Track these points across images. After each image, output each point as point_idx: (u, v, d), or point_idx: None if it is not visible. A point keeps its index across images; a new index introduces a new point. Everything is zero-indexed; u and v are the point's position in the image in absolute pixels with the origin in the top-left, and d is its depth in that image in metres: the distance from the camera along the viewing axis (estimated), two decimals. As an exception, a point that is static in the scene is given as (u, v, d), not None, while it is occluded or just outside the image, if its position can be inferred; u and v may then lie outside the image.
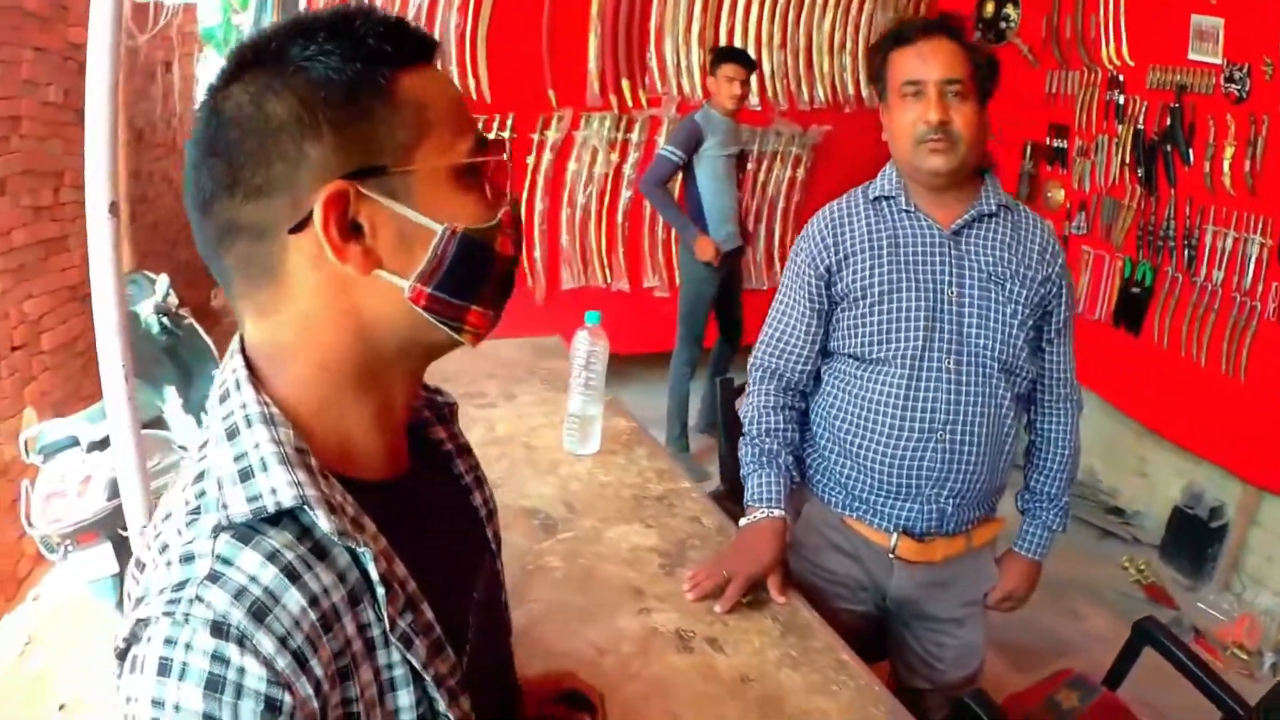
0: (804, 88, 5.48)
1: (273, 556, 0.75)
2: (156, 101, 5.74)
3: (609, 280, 5.54)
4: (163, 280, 4.00)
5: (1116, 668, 2.38)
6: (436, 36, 0.84)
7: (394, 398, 0.90)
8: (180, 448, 3.69)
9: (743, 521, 2.00)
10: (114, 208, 1.54)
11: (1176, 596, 4.05)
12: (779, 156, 5.49)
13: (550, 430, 2.45)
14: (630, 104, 5.22)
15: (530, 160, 5.22)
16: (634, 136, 5.26)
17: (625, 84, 5.18)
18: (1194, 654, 2.20)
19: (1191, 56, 3.93)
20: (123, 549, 3.15)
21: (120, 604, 3.18)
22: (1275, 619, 3.84)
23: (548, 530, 2.01)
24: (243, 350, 0.86)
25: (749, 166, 5.37)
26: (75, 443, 3.29)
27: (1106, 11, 4.38)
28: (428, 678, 0.83)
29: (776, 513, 1.96)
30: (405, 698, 0.82)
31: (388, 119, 0.80)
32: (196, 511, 0.78)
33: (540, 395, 2.74)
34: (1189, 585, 4.15)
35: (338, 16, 0.80)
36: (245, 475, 0.77)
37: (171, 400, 3.98)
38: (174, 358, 4.04)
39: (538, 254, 5.38)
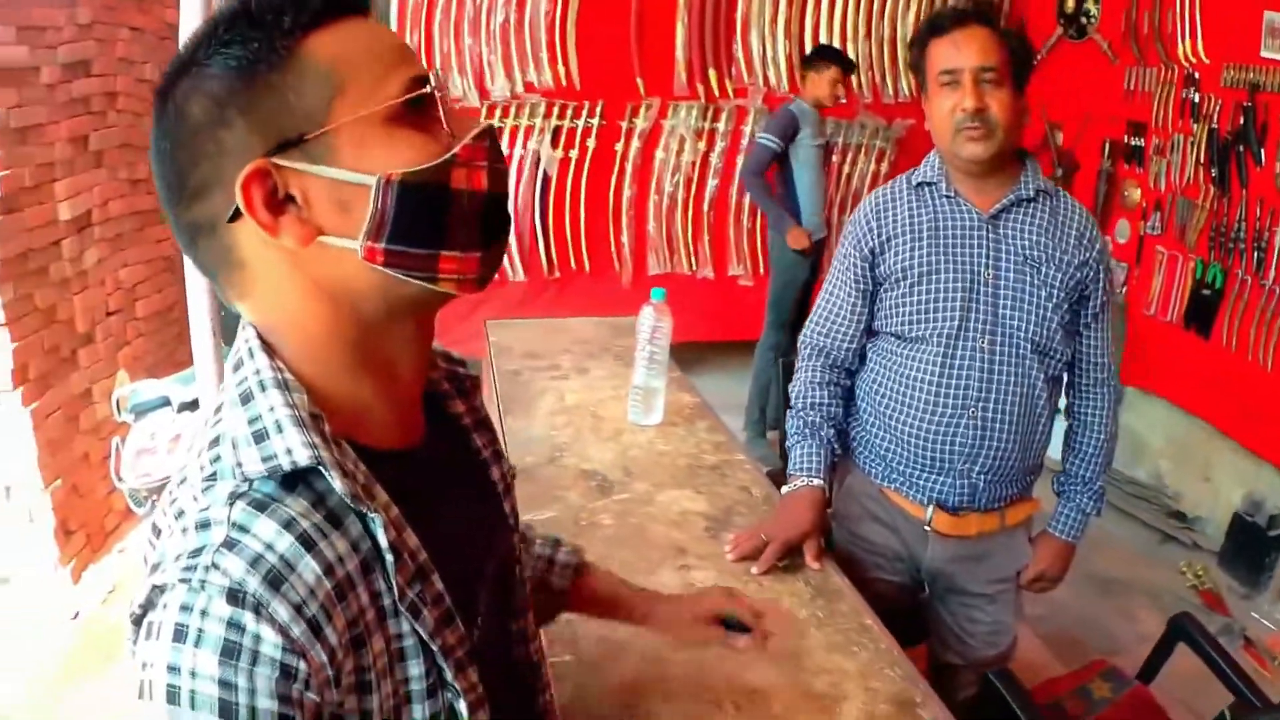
0: (889, 80, 5.47)
1: (289, 524, 0.75)
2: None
3: (694, 267, 5.59)
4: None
5: (1150, 661, 2.40)
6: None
7: (398, 365, 0.89)
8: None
9: (784, 489, 2.09)
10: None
11: (1231, 604, 4.00)
12: (863, 149, 5.50)
13: (617, 402, 2.56)
14: (717, 94, 5.27)
15: (619, 148, 5.29)
16: (720, 126, 5.30)
17: (712, 74, 5.22)
18: (1224, 651, 2.22)
19: (1264, 54, 3.87)
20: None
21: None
22: (1327, 632, 3.80)
23: (603, 491, 2.12)
24: (252, 323, 0.86)
25: (833, 158, 5.41)
26: (166, 403, 3.42)
27: (1182, 7, 4.31)
28: (435, 648, 0.83)
29: (816, 482, 2.06)
30: (415, 668, 0.83)
31: (294, 86, 0.78)
32: (212, 477, 0.78)
33: (611, 370, 2.85)
34: (1244, 594, 4.10)
35: (236, 3, 0.80)
36: (260, 437, 0.78)
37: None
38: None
39: (625, 240, 5.45)
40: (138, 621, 0.75)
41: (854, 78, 5.31)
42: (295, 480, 0.78)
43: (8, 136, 3.28)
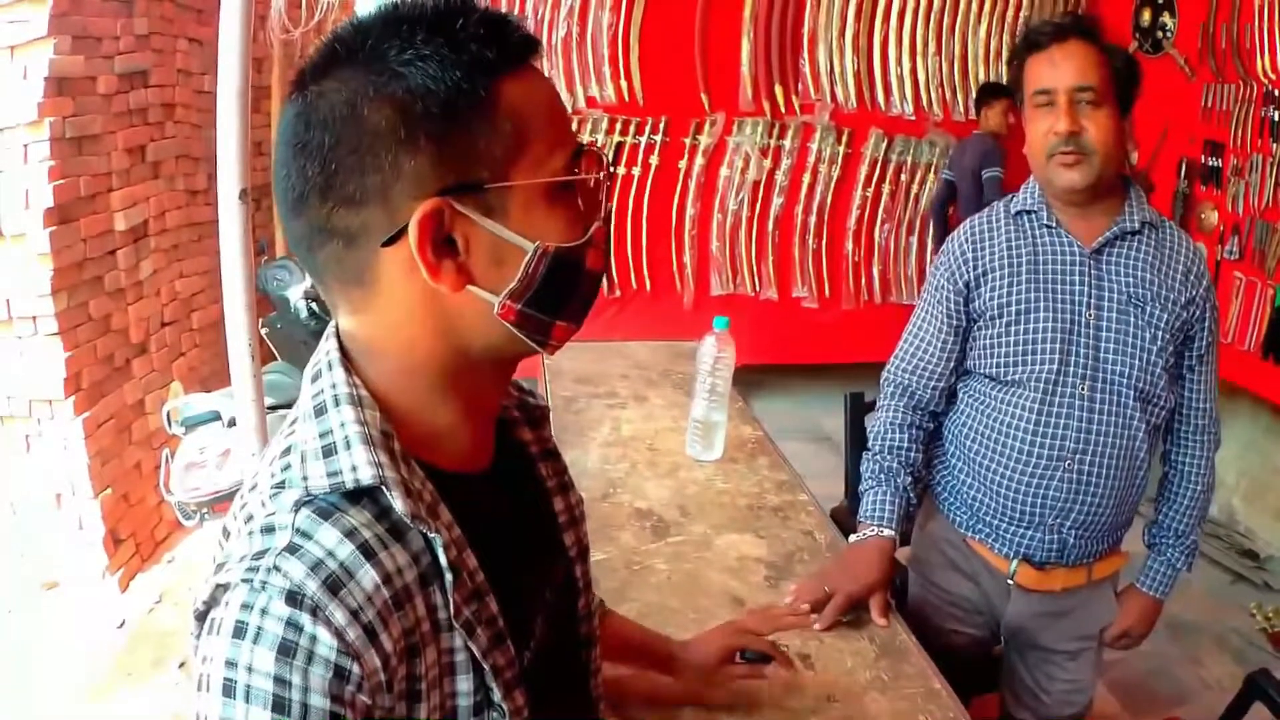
0: (959, 97, 5.36)
1: (351, 534, 0.77)
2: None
3: (758, 288, 5.49)
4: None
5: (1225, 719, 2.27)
6: (543, 36, 0.81)
7: (481, 398, 0.91)
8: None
9: (852, 538, 1.98)
10: (244, 195, 1.60)
11: (1302, 650, 3.84)
12: (933, 168, 5.38)
13: (675, 434, 2.47)
14: (783, 110, 5.19)
15: (682, 165, 5.23)
16: (786, 143, 5.21)
17: (778, 90, 5.14)
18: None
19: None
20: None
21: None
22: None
23: (658, 533, 2.03)
24: (337, 335, 0.88)
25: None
26: (217, 417, 3.42)
27: (1261, 22, 4.15)
28: (486, 667, 0.85)
29: (887, 532, 1.94)
30: (464, 683, 0.85)
31: (486, 133, 0.78)
32: (281, 485, 0.80)
33: (670, 398, 2.77)
34: (1317, 638, 3.93)
35: (439, 14, 0.78)
36: (328, 451, 0.80)
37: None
38: (314, 339, 4.17)
39: (687, 259, 5.38)
40: (201, 617, 0.78)
41: (924, 94, 5.26)
42: (360, 494, 0.80)
43: (64, 146, 3.29)
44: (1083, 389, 1.86)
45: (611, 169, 0.91)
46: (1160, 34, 4.86)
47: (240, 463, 3.22)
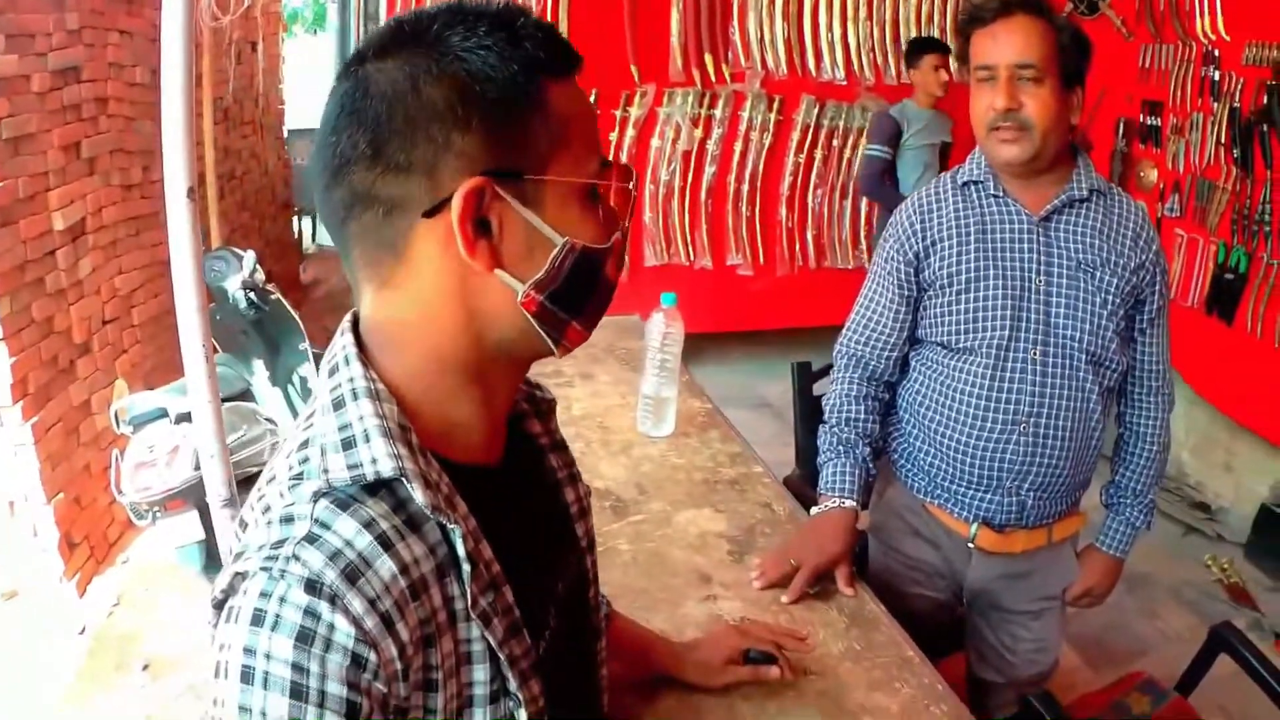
0: (890, 61, 5.37)
1: (369, 524, 0.79)
2: (243, 81, 5.84)
3: (692, 258, 5.49)
4: (249, 256, 4.07)
5: (1190, 673, 2.31)
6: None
7: (497, 391, 0.93)
8: (267, 420, 3.77)
9: (814, 510, 1.99)
10: (191, 192, 1.57)
11: (1259, 598, 3.92)
12: (865, 132, 5.32)
13: (625, 411, 2.46)
14: (714, 79, 5.17)
15: (613, 138, 5.19)
16: (717, 113, 5.20)
17: (708, 59, 5.12)
18: (1269, 663, 2.13)
19: (1290, 31, 3.75)
20: (209, 516, 3.23)
21: (206, 569, 3.27)
22: (1364, 627, 3.71)
23: (618, 513, 2.02)
24: (354, 329, 0.90)
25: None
26: (164, 414, 3.37)
27: (1202, -17, 4.19)
28: (502, 656, 0.86)
29: (848, 503, 1.95)
30: (480, 673, 0.86)
31: (534, 126, 0.82)
32: (299, 477, 0.82)
33: (617, 375, 2.75)
34: (1273, 586, 4.02)
35: (500, 13, 0.83)
36: (348, 444, 0.81)
37: (259, 373, 4.07)
38: (261, 332, 4.11)
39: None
40: (218, 606, 0.79)
41: (854, 60, 5.25)
42: (378, 486, 0.81)
43: (1, 148, 3.21)
44: (1035, 354, 1.88)
45: (634, 185, 0.93)
46: (1096, -5, 4.88)
47: (189, 460, 3.19)
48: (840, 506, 1.95)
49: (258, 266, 4.12)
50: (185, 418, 3.38)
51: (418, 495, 0.80)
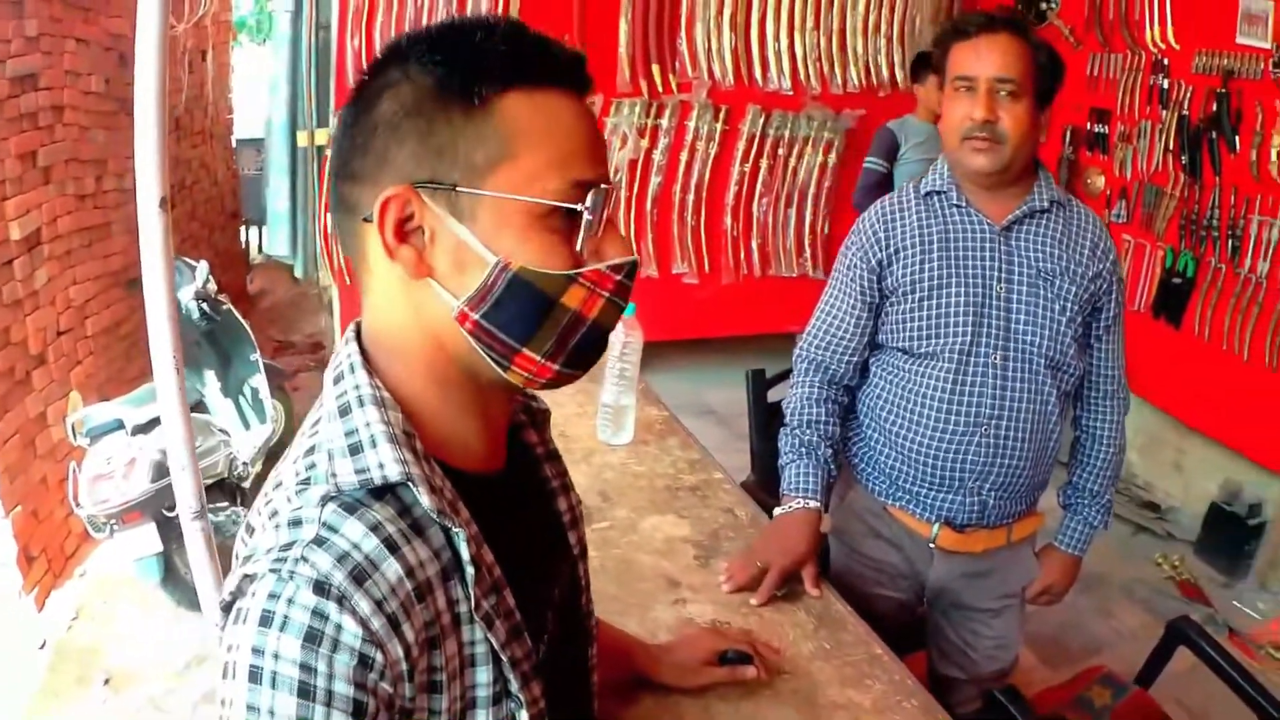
0: (837, 71, 5.38)
1: (375, 528, 0.80)
2: (194, 90, 5.79)
3: (639, 266, 5.47)
4: (202, 267, 4.04)
5: (1149, 666, 2.36)
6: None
7: (490, 401, 0.94)
8: (221, 431, 3.74)
9: (777, 511, 2.01)
10: (164, 203, 1.57)
11: (1211, 594, 4.00)
12: (810, 141, 5.39)
13: (584, 420, 2.46)
14: (661, 89, 5.14)
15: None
16: (664, 122, 5.17)
17: (656, 70, 5.11)
18: (1229, 655, 2.18)
19: (1240, 40, 3.84)
20: (167, 529, 3.20)
21: (164, 581, 3.24)
22: (1314, 620, 3.79)
23: (584, 520, 2.02)
24: (357, 337, 0.92)
25: None
26: (120, 426, 3.34)
27: (1151, -6, 4.28)
28: (504, 658, 0.87)
29: (812, 504, 1.98)
30: (483, 675, 0.87)
31: (470, 137, 0.82)
32: (306, 482, 0.83)
33: (575, 384, 2.74)
34: (1224, 583, 4.10)
35: (470, 27, 0.85)
36: (355, 450, 0.83)
37: (211, 384, 4.04)
38: (213, 343, 4.08)
39: (569, 241, 5.35)
40: (227, 608, 0.80)
41: (801, 69, 5.25)
42: (384, 491, 0.83)
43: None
44: (995, 359, 1.92)
45: (603, 213, 0.91)
46: (1045, 5, 4.95)
47: (147, 472, 3.16)
48: (805, 507, 1.98)
49: (210, 277, 4.10)
50: (142, 429, 3.36)
51: (424, 500, 0.82)
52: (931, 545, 2.05)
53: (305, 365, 5.82)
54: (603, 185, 0.86)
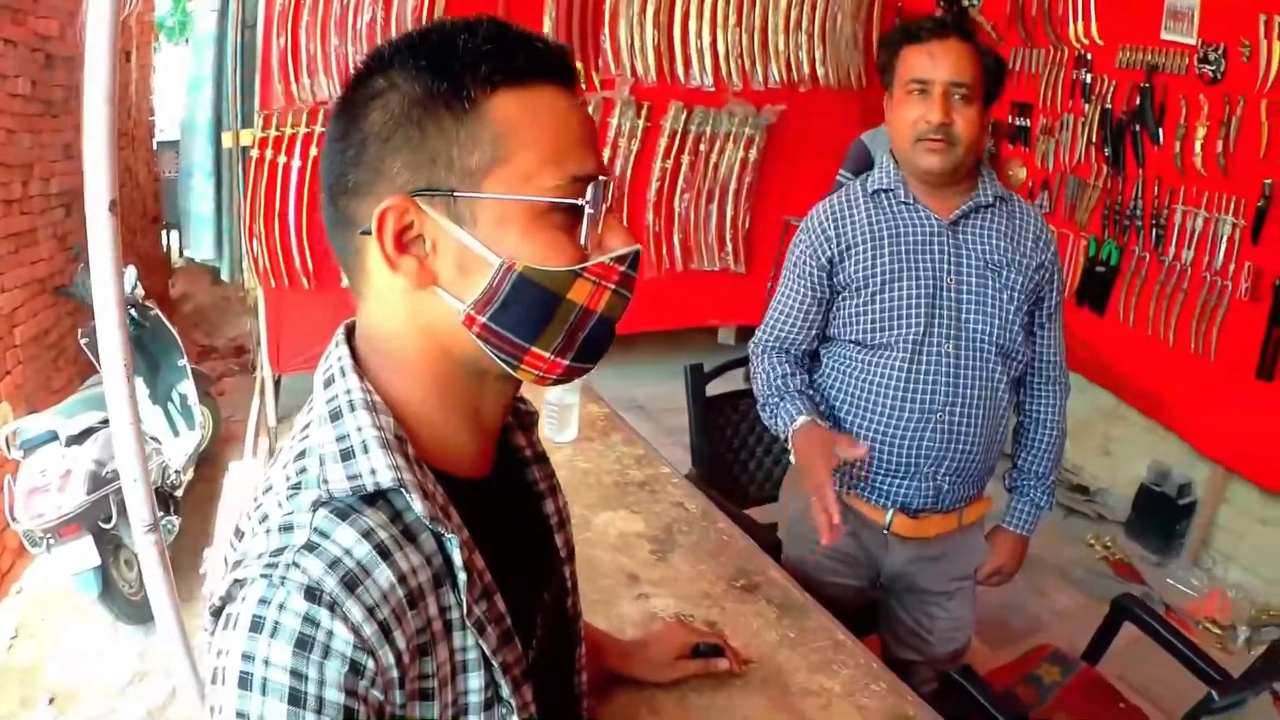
0: (758, 67, 5.41)
1: (367, 534, 0.79)
2: (117, 92, 5.65)
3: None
4: (130, 272, 3.95)
5: (1095, 642, 2.43)
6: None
7: (485, 405, 0.93)
8: (151, 438, 3.67)
9: (782, 437, 2.08)
10: (114, 206, 1.54)
11: (1144, 573, 4.12)
12: (731, 137, 5.42)
13: (527, 419, 2.47)
14: (584, 86, 5.14)
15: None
16: None
17: (579, 66, 5.12)
18: (1174, 628, 2.26)
19: (1164, 36, 3.95)
20: (104, 541, 3.14)
21: (102, 596, 3.17)
22: (1246, 594, 3.92)
23: (536, 519, 2.03)
24: (347, 340, 0.91)
25: None
26: (54, 437, 3.26)
27: (1075, -9, 4.38)
28: (496, 664, 0.87)
29: (803, 418, 2.02)
30: (475, 680, 0.87)
31: (463, 141, 0.81)
32: (297, 487, 0.82)
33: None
34: (1156, 562, 4.22)
35: (452, 30, 0.84)
36: (346, 455, 0.82)
37: (140, 391, 3.96)
38: (141, 349, 4.00)
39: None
40: (216, 613, 0.80)
41: (723, 65, 5.26)
42: (376, 496, 0.82)
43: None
44: (948, 348, 1.98)
45: (603, 206, 0.90)
46: (967, 2, 5.03)
47: (82, 484, 3.09)
48: (802, 425, 2.01)
49: (138, 283, 4.02)
50: (76, 440, 3.28)
51: (417, 506, 0.81)
52: (886, 532, 2.09)
53: (230, 370, 5.74)
54: (601, 177, 0.85)
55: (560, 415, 2.38)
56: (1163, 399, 4.23)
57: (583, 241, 0.85)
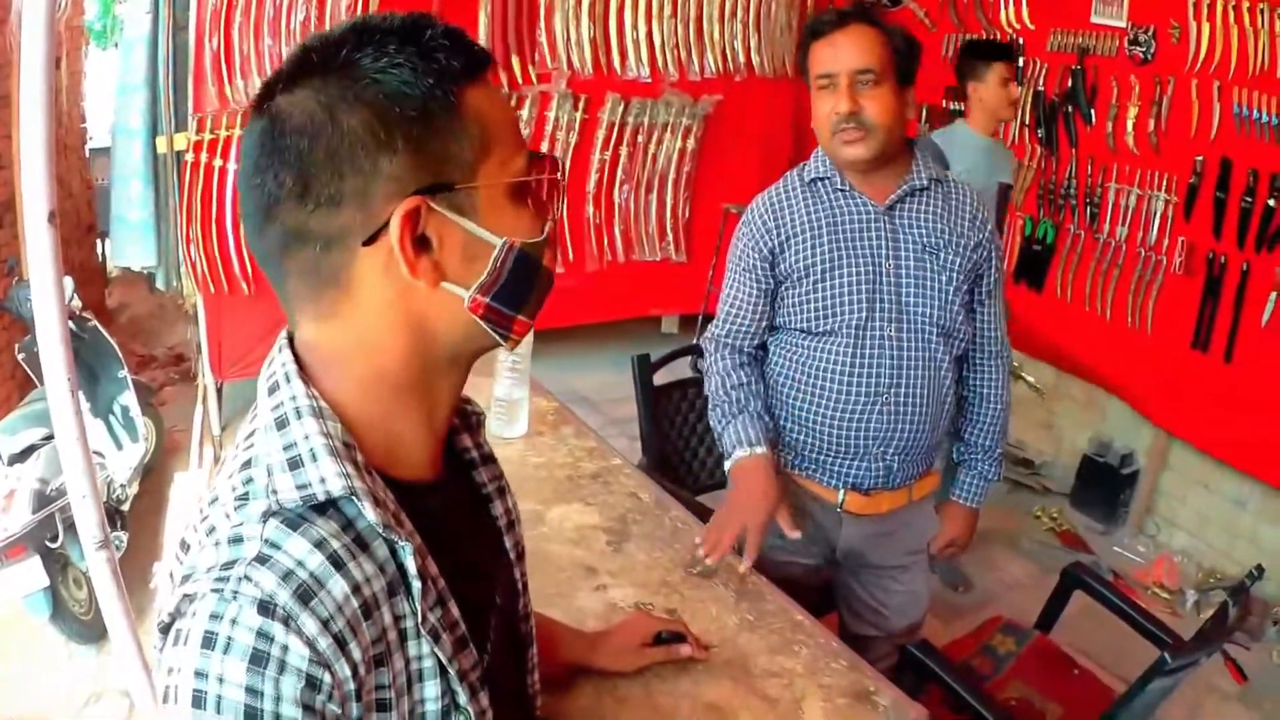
0: (694, 57, 5.42)
1: (320, 544, 0.78)
2: (52, 100, 5.52)
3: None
4: (67, 283, 3.87)
5: (1047, 611, 2.49)
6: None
7: (440, 405, 0.93)
8: (95, 453, 3.60)
9: (727, 465, 2.07)
10: (53, 217, 1.51)
11: (1090, 542, 4.21)
12: (669, 128, 5.43)
13: (476, 416, 2.46)
14: (520, 81, 5.12)
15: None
16: (524, 113, 5.13)
17: (515, 61, 5.08)
18: (1124, 595, 2.32)
19: (1095, 20, 4.04)
20: (51, 561, 3.08)
21: (53, 617, 3.11)
22: (1192, 558, 4.04)
23: (492, 515, 2.03)
24: (290, 346, 0.88)
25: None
26: (-5, 456, 3.20)
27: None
28: (452, 671, 0.87)
29: (760, 450, 2.03)
30: (431, 689, 0.86)
31: (457, 136, 0.82)
32: (245, 498, 0.81)
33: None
34: (1102, 530, 4.32)
35: (408, 26, 0.82)
36: (294, 464, 0.80)
37: (81, 404, 3.89)
38: (80, 362, 3.92)
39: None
40: (165, 630, 0.78)
41: (659, 56, 5.26)
42: (326, 505, 0.81)
43: None
44: (890, 331, 2.00)
45: (563, 175, 0.94)
46: (899, -13, 5.09)
47: (27, 503, 3.03)
48: (753, 454, 2.03)
49: (75, 294, 3.95)
50: (18, 458, 3.22)
51: (368, 514, 0.81)
52: (839, 510, 2.12)
53: (170, 379, 5.65)
54: (536, 152, 0.91)
55: (509, 410, 2.36)
56: (1102, 373, 4.33)
57: (554, 211, 0.92)
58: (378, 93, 0.79)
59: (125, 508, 3.68)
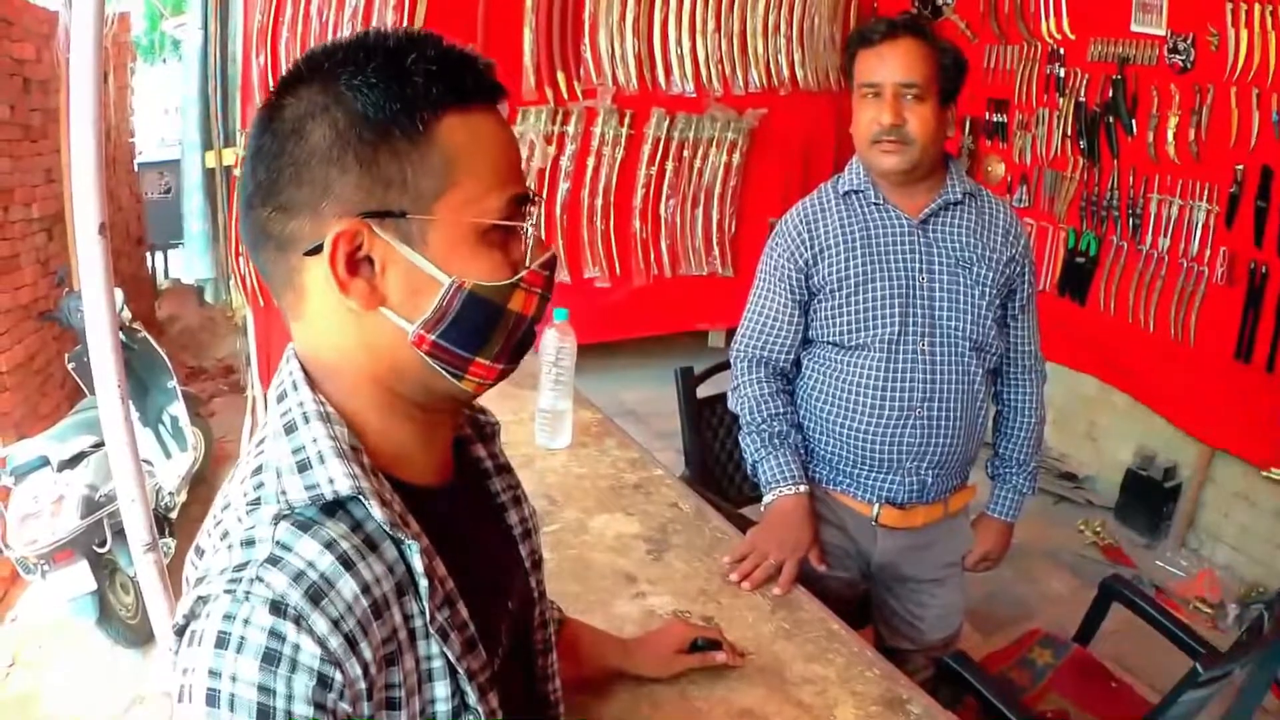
0: (739, 72, 5.44)
1: (330, 545, 0.80)
2: (102, 115, 5.63)
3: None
4: (117, 294, 3.94)
5: (1086, 624, 2.46)
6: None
7: (433, 417, 0.94)
8: (144, 461, 3.65)
9: (766, 500, 2.08)
10: (104, 229, 1.55)
11: (1133, 556, 4.16)
12: (714, 142, 5.45)
13: (520, 426, 2.48)
14: (566, 96, 5.16)
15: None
16: (570, 129, 5.17)
17: (561, 77, 5.12)
18: (1162, 607, 2.29)
19: (1134, 28, 4.00)
20: (99, 565, 3.14)
21: (100, 620, 3.17)
22: (1235, 573, 3.97)
23: (535, 524, 2.05)
24: (297, 355, 0.90)
25: None
26: (46, 463, 3.25)
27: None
28: (461, 670, 0.87)
29: (802, 489, 2.06)
30: (441, 689, 0.87)
31: (416, 164, 0.82)
32: (256, 501, 0.82)
33: (503, 390, 2.70)
34: (1145, 544, 4.27)
35: (397, 46, 0.83)
36: (303, 466, 0.82)
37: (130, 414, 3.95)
38: (130, 372, 3.98)
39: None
40: (180, 631, 0.79)
41: (704, 71, 5.28)
42: (335, 507, 0.82)
43: None
44: (923, 345, 2.01)
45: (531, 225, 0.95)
46: (941, 1, 5.07)
47: (75, 509, 3.09)
48: (795, 493, 2.05)
49: (125, 305, 4.02)
50: (68, 465, 3.28)
51: (376, 513, 0.82)
52: (874, 524, 2.12)
53: (219, 390, 5.73)
54: (530, 195, 0.89)
55: (553, 422, 2.39)
56: (1146, 384, 4.28)
57: (527, 260, 0.89)
58: (342, 110, 0.81)
59: (173, 515, 3.74)
